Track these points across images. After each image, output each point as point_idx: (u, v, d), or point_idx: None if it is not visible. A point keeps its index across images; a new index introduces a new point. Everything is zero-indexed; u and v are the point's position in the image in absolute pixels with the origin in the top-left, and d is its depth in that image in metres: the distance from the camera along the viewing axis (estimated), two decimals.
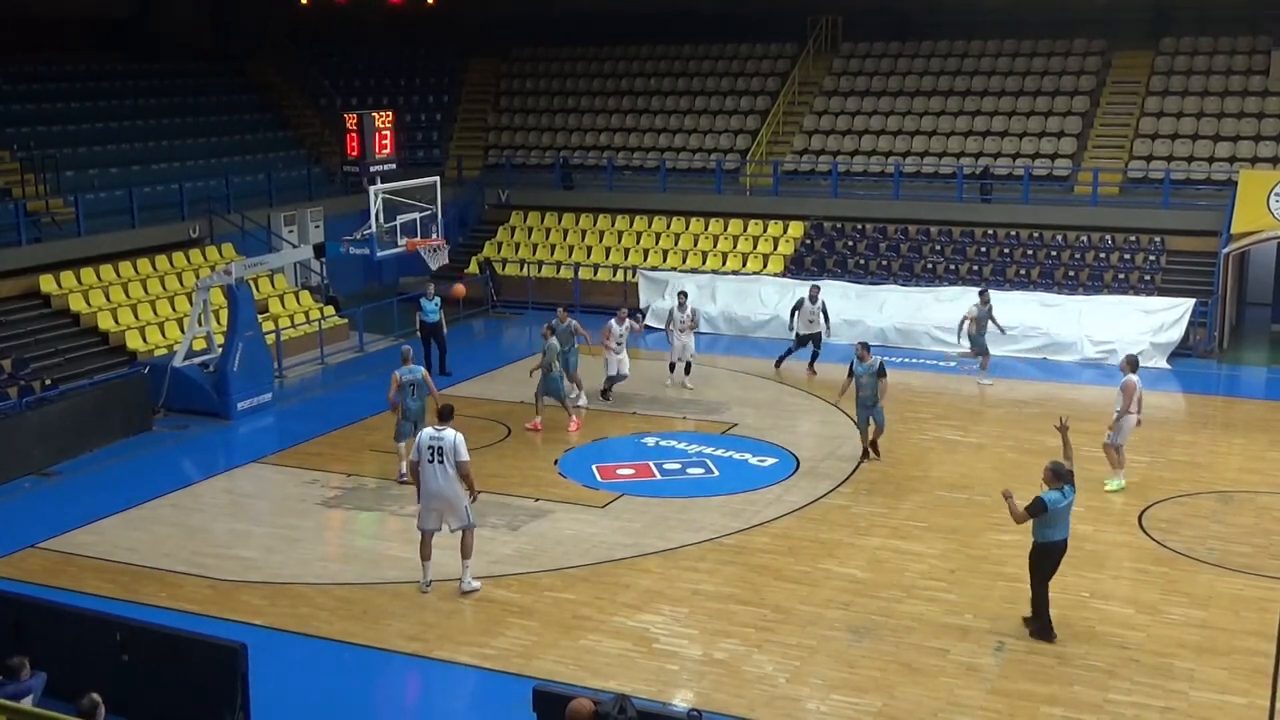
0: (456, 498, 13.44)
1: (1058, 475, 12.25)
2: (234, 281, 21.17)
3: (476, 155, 34.84)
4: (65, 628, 11.32)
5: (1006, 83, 31.59)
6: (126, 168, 27.90)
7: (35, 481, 17.91)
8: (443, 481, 13.36)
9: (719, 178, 31.09)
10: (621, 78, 35.71)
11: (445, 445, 13.29)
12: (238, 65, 35.61)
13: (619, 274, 29.29)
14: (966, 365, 23.54)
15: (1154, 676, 11.81)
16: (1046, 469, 12.38)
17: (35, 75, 30.12)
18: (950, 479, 17.44)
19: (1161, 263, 26.53)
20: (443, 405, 14.19)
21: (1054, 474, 12.27)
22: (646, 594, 13.74)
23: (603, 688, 11.12)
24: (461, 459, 13.30)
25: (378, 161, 25.36)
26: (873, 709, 11.28)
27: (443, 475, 13.34)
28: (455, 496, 13.43)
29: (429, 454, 13.36)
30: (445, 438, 13.33)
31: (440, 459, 13.31)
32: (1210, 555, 14.61)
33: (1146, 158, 28.55)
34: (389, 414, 18.62)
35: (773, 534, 15.48)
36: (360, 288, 30.03)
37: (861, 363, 18.01)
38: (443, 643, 12.66)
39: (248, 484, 17.95)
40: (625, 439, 19.52)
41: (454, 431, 13.43)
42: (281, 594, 13.90)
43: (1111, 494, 16.57)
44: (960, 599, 13.52)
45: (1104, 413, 20.87)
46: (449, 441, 13.30)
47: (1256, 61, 29.71)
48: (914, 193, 29.55)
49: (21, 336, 22.03)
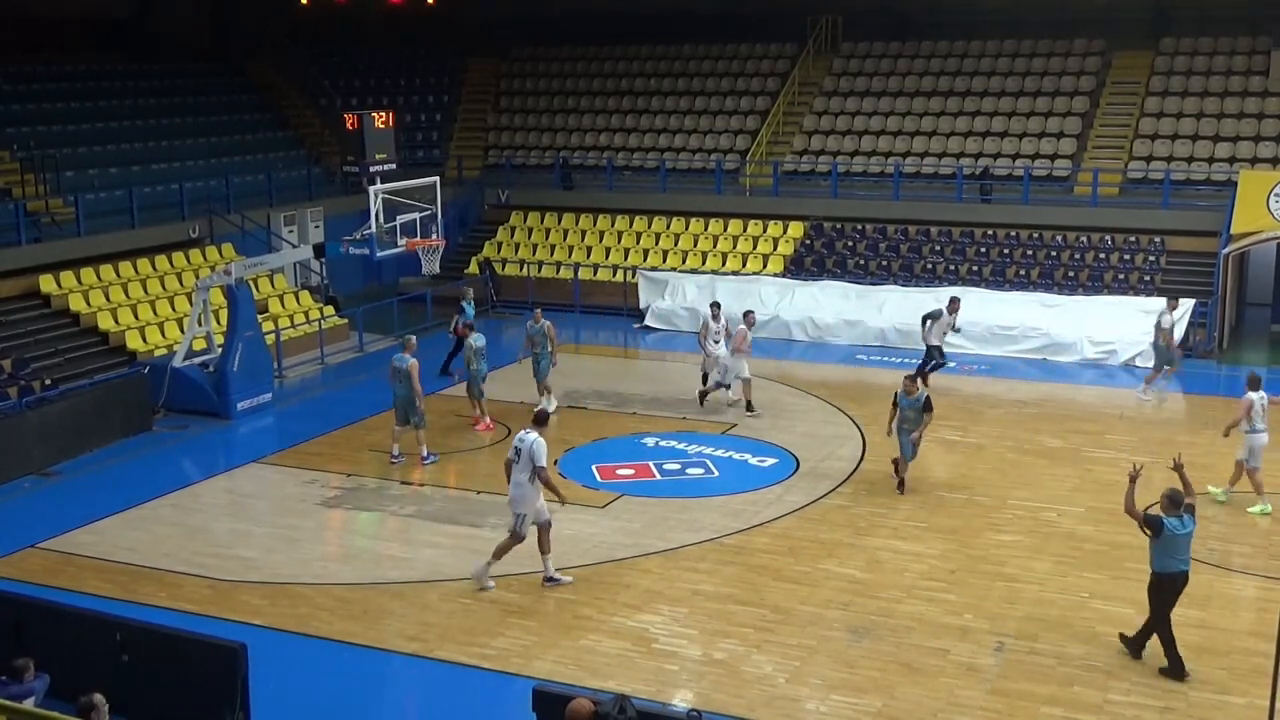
0: (523, 498, 13.60)
1: (1174, 503, 11.75)
2: (234, 281, 21.17)
3: (476, 155, 34.84)
4: (65, 628, 11.32)
5: (1006, 83, 31.59)
6: (126, 168, 27.90)
7: (35, 481, 17.91)
8: (516, 480, 13.61)
9: (719, 178, 31.09)
10: (621, 78, 35.71)
11: (523, 448, 13.52)
12: (238, 65, 35.61)
13: (619, 274, 29.29)
14: (966, 365, 23.55)
15: (1154, 677, 11.81)
16: (1163, 496, 11.91)
17: (35, 75, 30.11)
18: (950, 479, 17.44)
19: (1161, 263, 26.53)
20: (538, 410, 14.42)
21: (1171, 502, 11.78)
22: (646, 594, 13.75)
23: (602, 688, 11.13)
24: (538, 464, 13.48)
25: (378, 161, 25.35)
26: (872, 709, 11.28)
27: (516, 474, 13.60)
28: (522, 497, 13.61)
29: (512, 453, 13.67)
30: (525, 441, 13.56)
31: (517, 459, 13.57)
32: (1210, 556, 14.59)
33: (1146, 158, 28.55)
34: (390, 414, 18.70)
35: (773, 534, 15.49)
36: (360, 288, 30.03)
37: (908, 396, 16.78)
38: (443, 643, 12.66)
39: (248, 484, 17.96)
40: (625, 439, 19.52)
41: (535, 435, 13.58)
42: (281, 594, 13.90)
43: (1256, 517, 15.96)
44: (960, 599, 13.53)
45: (1104, 413, 20.96)
46: (527, 445, 13.51)
47: (1256, 61, 29.71)
48: (914, 193, 29.55)
49: (21, 336, 22.03)
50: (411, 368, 17.93)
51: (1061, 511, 15.50)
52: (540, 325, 20.68)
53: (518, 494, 13.67)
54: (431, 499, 17.03)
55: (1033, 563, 14.47)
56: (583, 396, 21.92)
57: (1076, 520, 15.53)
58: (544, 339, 20.68)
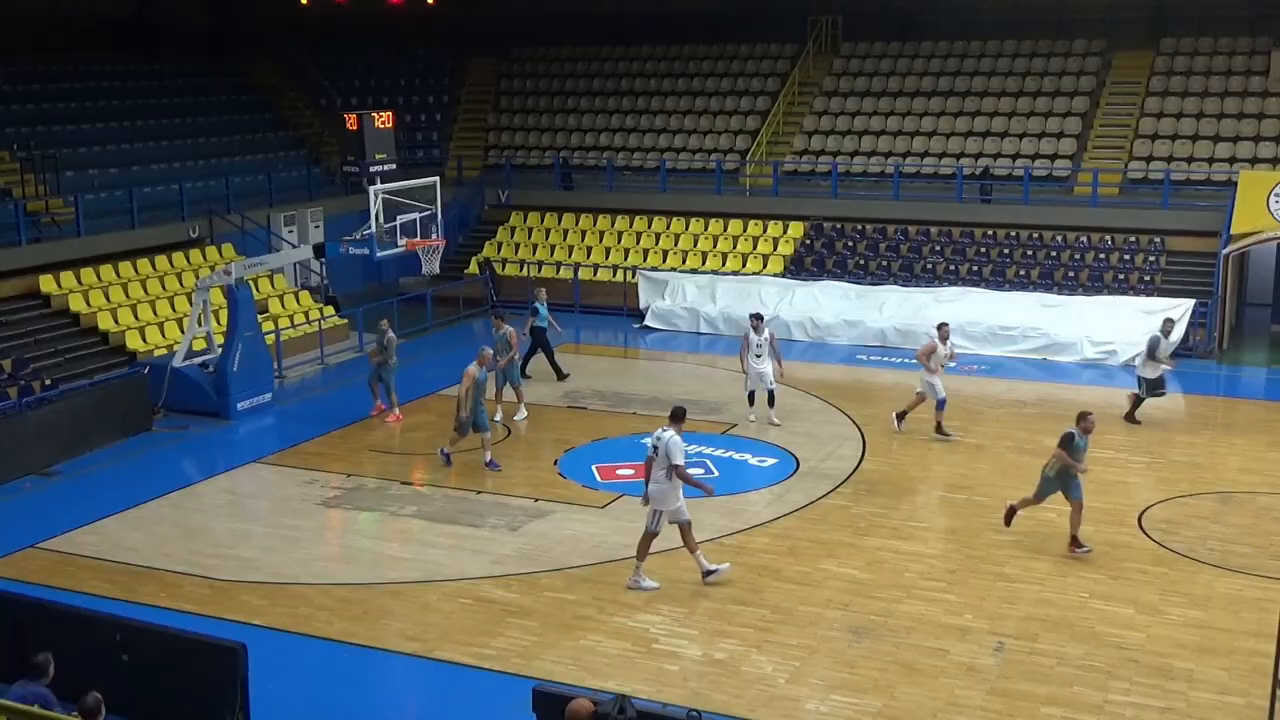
0: (661, 495, 13.57)
1: None
2: (234, 282, 21.17)
3: (476, 155, 34.84)
4: (65, 628, 11.32)
5: (1006, 83, 31.59)
6: (126, 168, 27.90)
7: (35, 481, 17.91)
8: (654, 477, 13.59)
9: (719, 178, 31.09)
10: (621, 78, 35.71)
11: (661, 445, 13.48)
12: (238, 65, 35.62)
13: (619, 274, 29.29)
14: (966, 365, 23.56)
15: (1153, 677, 11.81)
16: None
17: (35, 75, 30.11)
18: (950, 479, 17.44)
19: (1161, 263, 26.54)
20: (676, 406, 14.14)
21: None
22: (646, 594, 13.74)
23: (602, 688, 11.13)
24: (674, 462, 13.42)
25: (377, 161, 25.33)
26: (872, 709, 11.28)
27: (655, 471, 13.57)
28: (660, 494, 13.57)
29: (650, 450, 13.66)
30: (663, 438, 13.51)
31: (656, 456, 13.53)
32: (1210, 556, 14.61)
33: (1146, 158, 28.55)
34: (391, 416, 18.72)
35: (773, 534, 15.49)
36: (360, 288, 30.02)
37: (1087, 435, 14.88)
38: (443, 643, 12.66)
39: (248, 484, 17.96)
40: (625, 439, 19.51)
41: (672, 432, 13.55)
42: (281, 594, 13.90)
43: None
44: (960, 599, 13.53)
45: (1103, 413, 20.92)
46: (665, 442, 13.47)
47: (1256, 62, 29.71)
48: (914, 193, 29.55)
49: (21, 336, 22.03)
50: (466, 373, 17.72)
51: (1061, 512, 15.45)
52: (503, 333, 20.28)
53: (656, 491, 13.59)
54: (431, 499, 17.03)
55: (1033, 563, 14.47)
56: (583, 396, 21.92)
57: None
58: (506, 348, 20.11)
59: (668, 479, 13.54)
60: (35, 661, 9.80)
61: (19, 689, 9.59)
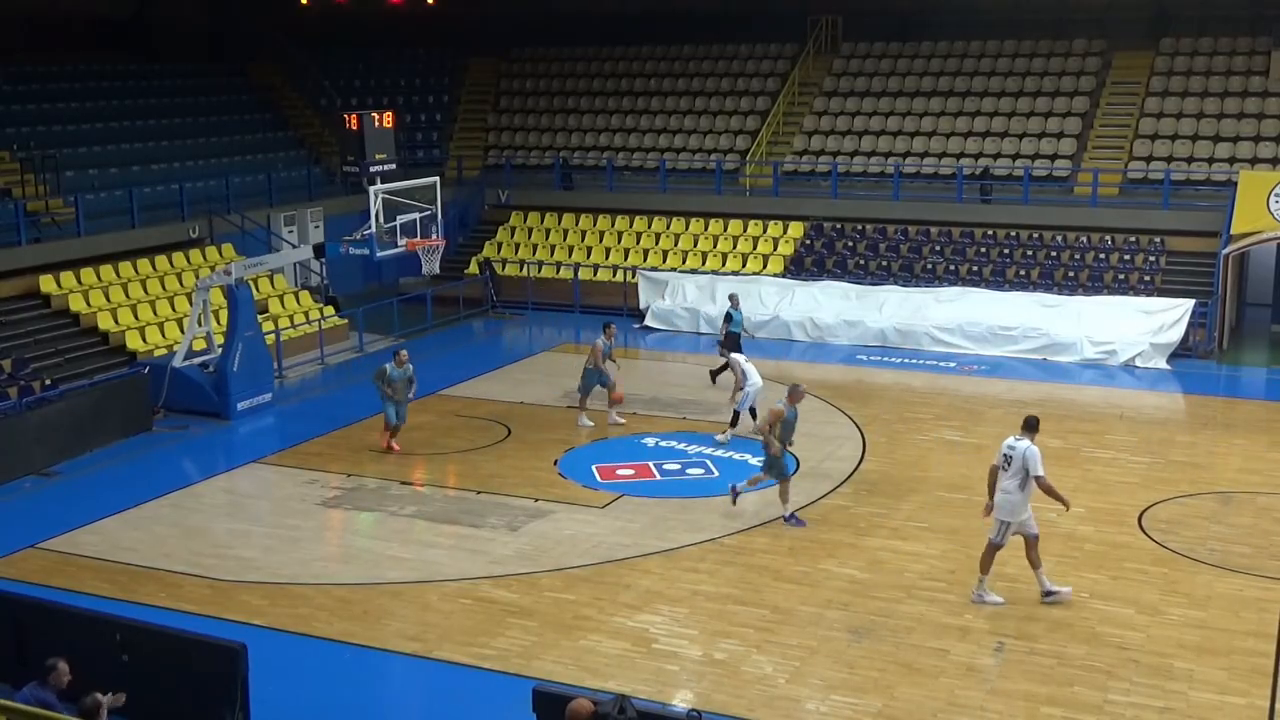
0: (1009, 506, 13.16)
1: None
2: (234, 282, 21.17)
3: (476, 155, 34.84)
4: (65, 628, 11.31)
5: (1006, 83, 31.59)
6: (126, 168, 27.90)
7: (35, 481, 17.90)
8: (1003, 488, 13.17)
9: (719, 178, 31.09)
10: (621, 78, 35.71)
11: (1015, 455, 13.05)
12: (238, 65, 35.62)
13: (619, 274, 29.29)
14: (966, 365, 23.57)
15: (1153, 677, 11.81)
16: None
17: (35, 75, 30.11)
18: (950, 479, 17.43)
19: (1161, 263, 26.53)
20: (1029, 416, 13.57)
21: None
22: (646, 594, 13.75)
23: (602, 688, 11.13)
24: (1034, 474, 12.96)
25: (377, 161, 25.32)
26: (872, 709, 11.28)
27: (1004, 481, 13.15)
28: (1009, 505, 13.13)
29: (1001, 460, 13.20)
30: (1017, 449, 13.09)
31: (1006, 466, 13.14)
32: (1210, 556, 14.61)
33: (1146, 158, 28.55)
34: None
35: (773, 534, 15.48)
36: (360, 288, 30.02)
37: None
38: (442, 643, 12.66)
39: (247, 484, 17.95)
40: (625, 439, 19.51)
41: (1029, 443, 13.10)
42: (281, 594, 13.90)
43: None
44: (960, 599, 13.52)
45: (1104, 413, 20.97)
46: (1019, 452, 13.06)
47: (1256, 62, 29.70)
48: (914, 193, 29.55)
49: (21, 336, 22.02)
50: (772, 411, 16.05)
51: (1061, 511, 15.46)
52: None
53: (1004, 502, 13.12)
54: (431, 499, 17.03)
55: None
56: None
57: (1076, 520, 15.51)
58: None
59: (1020, 490, 13.02)
60: (45, 665, 9.76)
61: (26, 692, 9.59)
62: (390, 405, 18.73)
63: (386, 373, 18.67)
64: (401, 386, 18.73)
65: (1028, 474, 13.00)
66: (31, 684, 9.66)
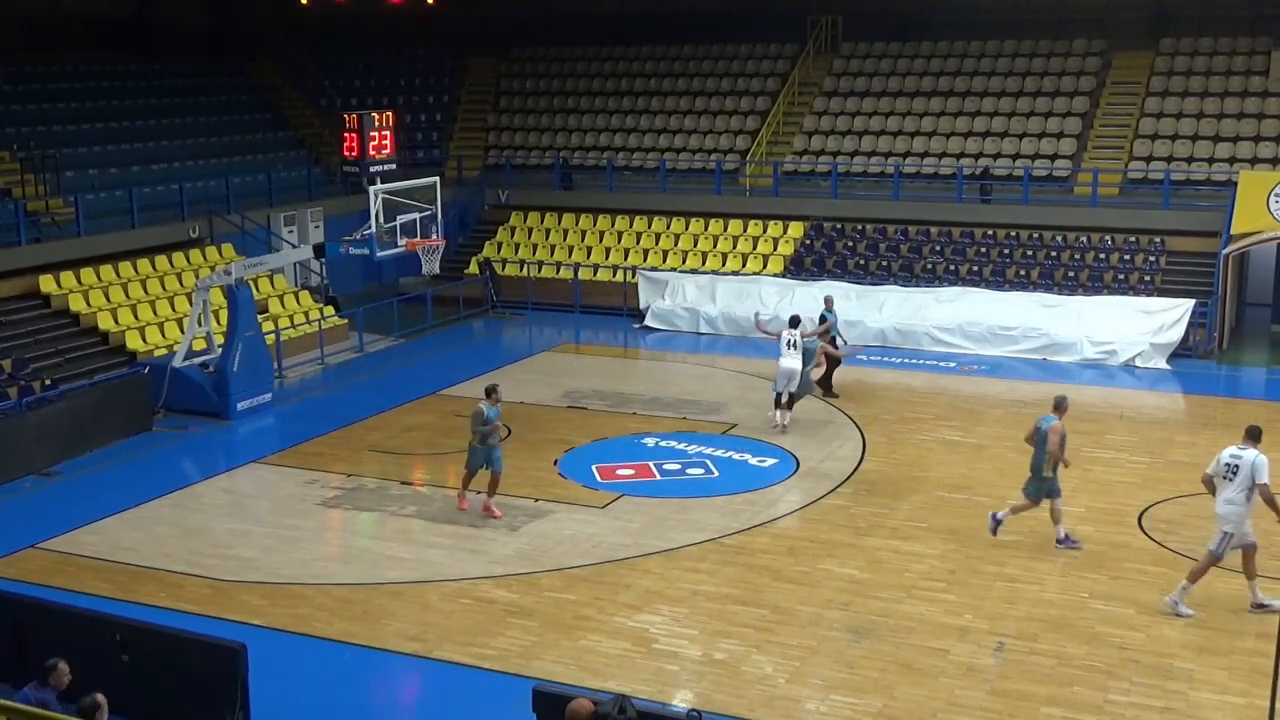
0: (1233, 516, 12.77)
1: None
2: (234, 282, 21.17)
3: (476, 155, 34.83)
4: (65, 628, 11.32)
5: (1006, 83, 31.58)
6: (126, 168, 27.89)
7: (35, 481, 17.90)
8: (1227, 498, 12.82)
9: (719, 178, 31.08)
10: (621, 78, 35.70)
11: (1243, 464, 12.74)
12: (238, 65, 35.61)
13: (619, 274, 29.29)
14: (966, 365, 23.56)
15: (1154, 677, 11.81)
16: None
17: (35, 75, 30.10)
18: (950, 479, 17.44)
19: (1161, 263, 26.53)
20: (1252, 425, 13.17)
21: None
22: (646, 594, 13.75)
23: (602, 688, 11.13)
24: (1261, 481, 12.63)
25: (377, 161, 25.33)
26: (872, 709, 11.28)
27: (1229, 492, 12.78)
28: (1232, 515, 12.78)
29: (1226, 471, 12.85)
30: (1244, 458, 12.78)
31: (1231, 476, 12.80)
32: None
33: (1146, 158, 28.54)
34: (390, 414, 18.67)
35: (773, 534, 15.49)
36: (360, 288, 30.02)
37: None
38: (442, 643, 12.66)
39: (248, 484, 17.95)
40: (625, 439, 19.51)
41: (1255, 452, 12.77)
42: (281, 594, 13.90)
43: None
44: (960, 599, 13.53)
45: (1104, 413, 20.96)
46: (1248, 461, 12.74)
47: (1256, 62, 29.70)
48: (914, 193, 29.54)
49: (21, 336, 22.02)
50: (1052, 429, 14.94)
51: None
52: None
53: (1229, 512, 12.78)
54: (431, 499, 17.03)
55: (1033, 563, 14.46)
56: (583, 396, 21.92)
57: (1076, 520, 15.52)
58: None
59: (1247, 501, 12.70)
60: (45, 666, 9.74)
61: (26, 693, 9.59)
62: (481, 451, 15.99)
63: (484, 414, 15.86)
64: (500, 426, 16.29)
65: (1254, 483, 12.67)
66: (31, 684, 9.66)
